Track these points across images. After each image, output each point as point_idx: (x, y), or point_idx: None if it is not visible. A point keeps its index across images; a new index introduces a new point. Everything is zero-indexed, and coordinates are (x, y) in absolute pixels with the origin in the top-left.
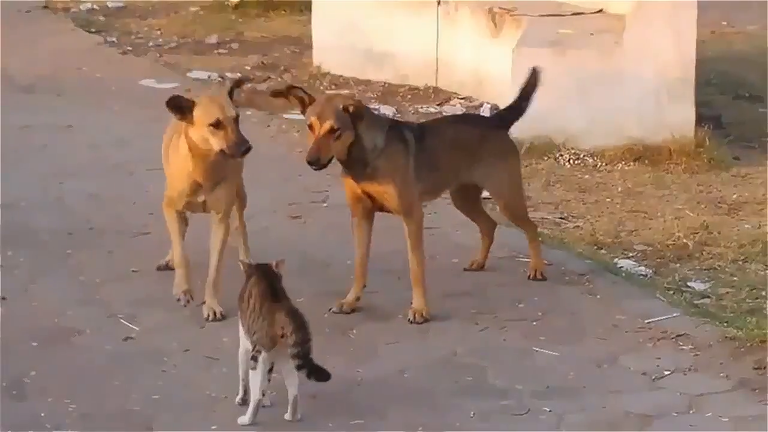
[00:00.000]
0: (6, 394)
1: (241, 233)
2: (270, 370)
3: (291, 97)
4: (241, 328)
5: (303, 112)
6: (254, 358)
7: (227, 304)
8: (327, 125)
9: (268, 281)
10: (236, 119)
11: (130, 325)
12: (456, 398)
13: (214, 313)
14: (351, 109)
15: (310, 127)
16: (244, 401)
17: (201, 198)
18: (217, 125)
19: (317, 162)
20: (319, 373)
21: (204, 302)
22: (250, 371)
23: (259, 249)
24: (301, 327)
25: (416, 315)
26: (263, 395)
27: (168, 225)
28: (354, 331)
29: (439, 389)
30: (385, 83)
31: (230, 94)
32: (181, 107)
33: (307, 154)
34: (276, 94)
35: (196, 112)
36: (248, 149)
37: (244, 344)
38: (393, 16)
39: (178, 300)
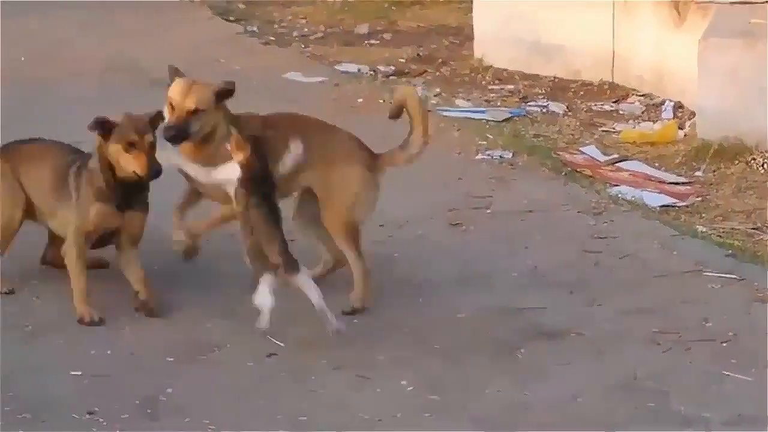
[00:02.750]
0: (140, 412)
1: None
2: None
3: None
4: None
5: None
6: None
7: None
8: None
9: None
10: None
11: (275, 341)
12: (635, 426)
13: None
14: None
15: None
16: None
17: None
18: None
19: None
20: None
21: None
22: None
23: (414, 258)
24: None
25: None
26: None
27: None
28: (522, 351)
29: (617, 416)
30: (554, 78)
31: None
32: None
33: None
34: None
35: None
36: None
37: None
38: (563, 4)
39: None
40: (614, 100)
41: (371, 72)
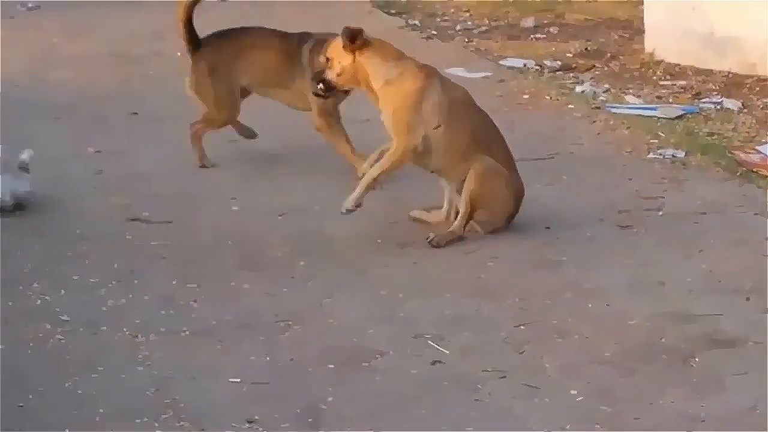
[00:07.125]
0: (300, 421)
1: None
2: None
3: None
4: None
5: None
6: None
7: None
8: None
9: None
10: None
11: (439, 348)
12: None
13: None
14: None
15: None
16: None
17: None
18: None
19: None
20: None
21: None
22: None
23: (583, 261)
24: None
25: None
26: None
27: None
28: (696, 359)
29: None
30: (729, 73)
31: None
32: None
33: None
34: None
35: None
36: None
37: None
38: None
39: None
40: None
41: (537, 67)
